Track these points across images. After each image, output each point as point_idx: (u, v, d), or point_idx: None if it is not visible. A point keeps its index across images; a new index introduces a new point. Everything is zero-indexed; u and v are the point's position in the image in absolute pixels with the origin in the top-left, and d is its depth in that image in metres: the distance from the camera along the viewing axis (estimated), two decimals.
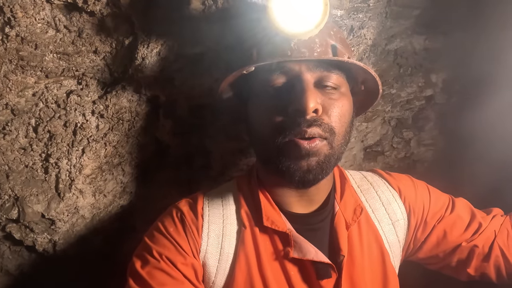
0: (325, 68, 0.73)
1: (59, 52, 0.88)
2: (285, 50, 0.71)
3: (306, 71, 0.72)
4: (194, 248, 0.76)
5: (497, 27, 1.07)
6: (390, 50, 1.16)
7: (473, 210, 0.89)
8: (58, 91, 0.93)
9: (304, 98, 0.68)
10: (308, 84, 0.71)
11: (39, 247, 1.03)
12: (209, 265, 0.76)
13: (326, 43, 0.73)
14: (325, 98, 0.73)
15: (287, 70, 0.72)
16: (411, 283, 0.92)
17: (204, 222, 0.78)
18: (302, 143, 0.70)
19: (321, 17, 0.67)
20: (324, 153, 0.72)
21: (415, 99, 1.26)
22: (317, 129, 0.70)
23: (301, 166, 0.71)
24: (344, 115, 0.74)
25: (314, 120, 0.70)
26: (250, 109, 0.79)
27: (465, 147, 1.28)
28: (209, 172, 1.13)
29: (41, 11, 0.81)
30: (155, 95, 0.98)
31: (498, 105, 1.08)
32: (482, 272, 0.86)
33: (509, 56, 1.03)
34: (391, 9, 1.04)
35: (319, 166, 0.72)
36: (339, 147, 0.75)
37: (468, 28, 1.13)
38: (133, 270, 0.74)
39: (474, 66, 1.18)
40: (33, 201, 0.94)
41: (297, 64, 0.72)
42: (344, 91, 0.76)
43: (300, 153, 0.70)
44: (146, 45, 0.89)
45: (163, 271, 0.72)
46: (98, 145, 0.98)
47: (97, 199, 1.03)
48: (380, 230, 0.84)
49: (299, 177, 0.72)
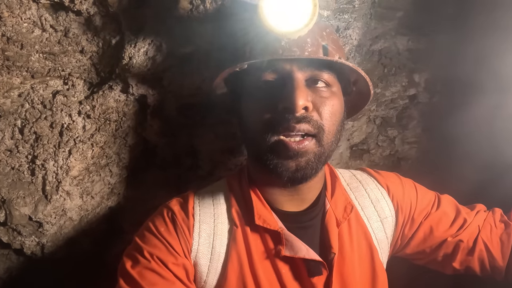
0: (316, 68, 0.73)
1: (45, 52, 0.87)
2: (276, 49, 0.72)
3: (297, 70, 0.72)
4: (186, 248, 0.75)
5: (480, 29, 1.10)
6: (375, 50, 1.19)
7: (458, 207, 0.92)
8: (44, 91, 0.92)
9: (294, 96, 0.69)
10: (298, 83, 0.72)
11: (27, 250, 1.02)
12: (201, 265, 0.76)
13: (317, 43, 0.74)
14: (316, 96, 0.74)
15: (278, 68, 0.73)
16: (397, 278, 0.94)
17: (195, 221, 0.78)
18: (290, 144, 0.71)
19: (309, 17, 0.69)
20: (314, 151, 0.73)
21: (399, 98, 1.29)
22: (306, 126, 0.71)
23: (289, 167, 0.72)
24: (335, 113, 0.75)
25: (303, 117, 0.71)
26: (242, 106, 0.80)
27: (448, 145, 1.32)
28: (198, 172, 1.13)
29: (27, 10, 0.80)
30: (142, 94, 0.98)
31: (482, 105, 1.11)
32: (467, 266, 0.88)
33: (492, 58, 1.06)
34: (375, 10, 1.07)
35: (308, 165, 0.73)
36: (329, 145, 0.75)
37: (449, 30, 1.17)
38: (123, 270, 0.73)
39: (454, 67, 1.22)
40: (20, 203, 0.92)
41: (288, 63, 0.73)
42: (335, 91, 0.76)
43: (288, 154, 0.71)
44: (134, 44, 0.89)
45: (154, 271, 0.72)
46: (85, 146, 0.97)
47: (85, 200, 1.02)
48: (369, 227, 0.86)
49: (287, 176, 0.73)
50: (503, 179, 1.11)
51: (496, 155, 1.12)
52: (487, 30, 1.08)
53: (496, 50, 1.05)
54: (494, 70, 1.06)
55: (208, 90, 0.96)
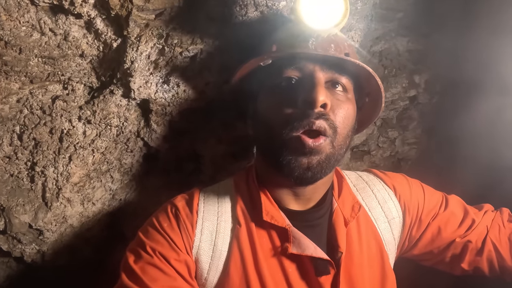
0: (337, 71, 0.76)
1: (44, 56, 0.85)
2: (303, 47, 0.76)
3: (319, 70, 0.75)
4: (188, 244, 0.75)
5: (482, 32, 1.11)
6: (375, 51, 1.19)
7: (466, 207, 0.92)
8: (43, 96, 0.89)
9: (314, 91, 0.72)
10: (319, 80, 0.74)
11: (28, 258, 1.00)
12: (202, 262, 0.76)
13: (340, 50, 0.77)
14: (333, 98, 0.76)
15: (301, 66, 0.76)
16: (400, 279, 0.93)
17: (198, 218, 0.78)
18: (307, 141, 0.72)
19: (341, 18, 0.74)
20: (326, 152, 0.74)
21: (400, 99, 1.29)
22: (324, 123, 0.73)
23: (301, 163, 0.73)
24: (348, 118, 0.77)
25: (322, 114, 0.73)
26: (260, 103, 0.80)
27: (448, 146, 1.32)
28: (200, 176, 1.12)
29: (25, 13, 0.78)
30: (144, 99, 0.96)
31: (482, 106, 1.12)
32: (476, 267, 0.88)
33: (494, 61, 1.06)
34: (376, 11, 1.07)
35: (319, 165, 0.74)
36: (340, 149, 0.77)
37: (449, 32, 1.17)
38: (126, 265, 0.73)
39: (454, 68, 1.23)
40: (19, 211, 0.90)
41: (311, 64, 0.75)
42: (350, 97, 0.79)
43: (304, 150, 0.72)
44: (135, 48, 0.87)
45: (156, 266, 0.72)
46: (85, 152, 0.95)
47: (86, 207, 1.00)
48: (377, 228, 0.85)
49: (298, 173, 0.74)
50: (504, 182, 1.11)
51: (496, 158, 1.13)
52: (489, 33, 1.08)
53: (498, 53, 1.05)
54: (495, 71, 1.06)
55: (212, 93, 0.95)
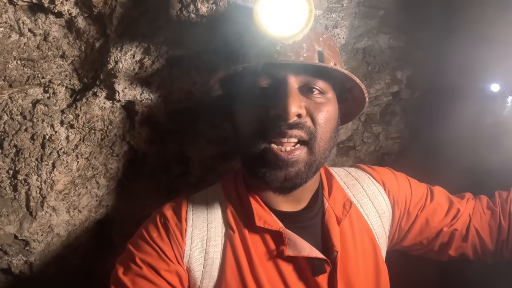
0: (311, 74, 0.72)
1: (24, 58, 0.81)
2: (271, 53, 0.71)
3: (291, 75, 0.71)
4: (178, 254, 0.74)
5: (460, 36, 1.14)
6: (359, 48, 1.20)
7: (450, 197, 0.95)
8: (23, 101, 0.85)
9: (286, 102, 0.68)
10: (291, 89, 0.70)
11: (15, 270, 0.96)
12: (194, 270, 0.74)
13: (313, 49, 0.73)
14: (310, 101, 0.73)
15: (273, 73, 0.72)
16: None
17: (187, 226, 0.77)
18: (280, 154, 0.70)
19: (305, 23, 0.68)
20: (305, 161, 0.72)
21: (383, 95, 1.31)
22: (299, 132, 0.70)
23: (278, 176, 0.71)
24: (329, 119, 0.74)
25: (296, 124, 0.70)
26: (235, 111, 0.78)
27: (429, 140, 1.36)
28: (188, 179, 1.10)
29: (3, 13, 0.74)
30: (129, 101, 0.93)
31: (463, 108, 1.16)
32: (461, 252, 0.92)
33: (473, 56, 1.09)
34: (359, 9, 1.08)
35: (298, 176, 0.72)
36: (322, 153, 0.74)
37: (429, 29, 1.20)
38: (115, 277, 0.72)
39: (434, 66, 1.26)
40: (4, 222, 0.86)
41: (282, 69, 0.71)
42: (330, 97, 0.76)
43: (278, 163, 0.70)
44: (120, 47, 0.84)
45: (145, 278, 0.71)
46: (69, 158, 0.91)
47: (72, 215, 0.96)
48: (369, 224, 0.86)
49: (275, 185, 0.73)
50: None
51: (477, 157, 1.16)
52: (469, 38, 1.11)
53: (478, 58, 1.07)
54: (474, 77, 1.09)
55: (200, 93, 0.93)
